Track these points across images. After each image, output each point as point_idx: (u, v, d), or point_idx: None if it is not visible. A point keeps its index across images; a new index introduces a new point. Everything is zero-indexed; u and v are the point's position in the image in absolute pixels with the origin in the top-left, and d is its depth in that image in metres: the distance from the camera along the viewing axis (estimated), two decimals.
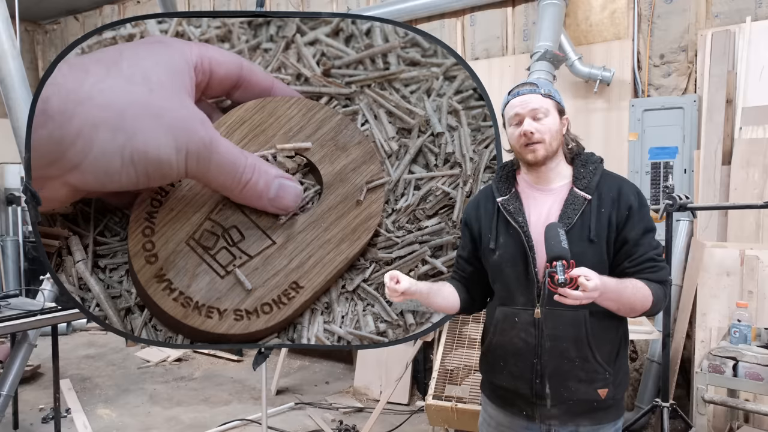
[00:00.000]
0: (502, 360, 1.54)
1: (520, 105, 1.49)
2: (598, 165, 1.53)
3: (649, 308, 1.43)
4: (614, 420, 1.51)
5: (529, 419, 1.51)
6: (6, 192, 5.85)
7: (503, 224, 1.54)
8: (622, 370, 1.51)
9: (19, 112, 3.05)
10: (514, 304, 1.51)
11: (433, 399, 2.91)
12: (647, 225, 1.47)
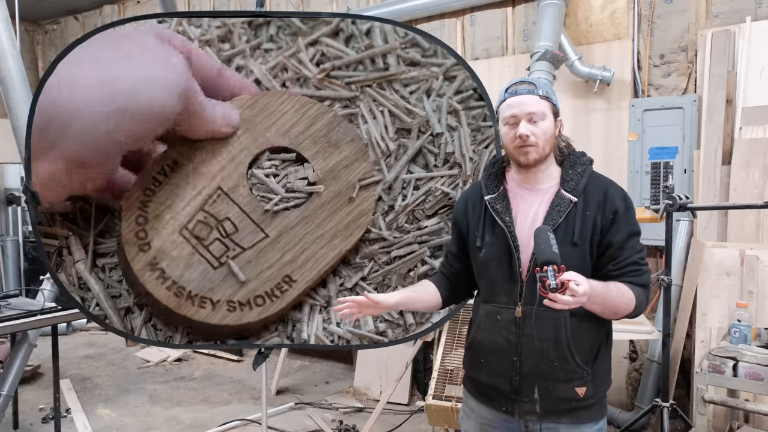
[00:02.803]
0: (483, 356, 1.56)
1: (517, 106, 1.48)
2: (586, 167, 1.54)
3: (632, 311, 1.46)
4: (596, 419, 1.52)
5: (509, 414, 1.53)
6: (6, 192, 5.85)
7: (490, 223, 1.55)
8: (602, 369, 1.53)
9: (19, 112, 3.05)
10: (497, 302, 1.53)
11: (433, 399, 2.91)
12: (632, 229, 1.48)
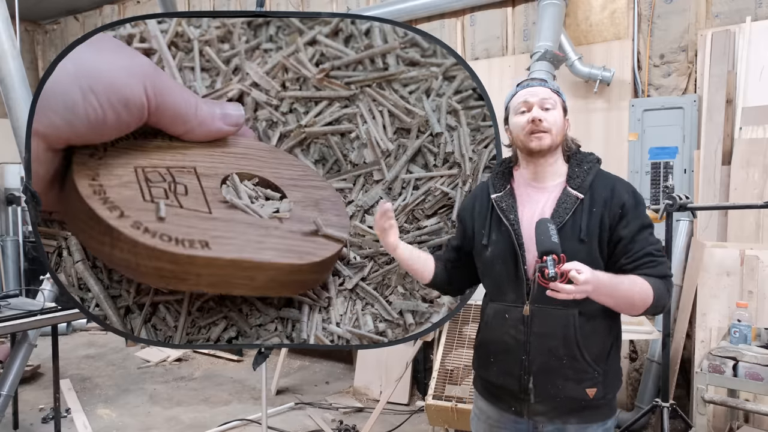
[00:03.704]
0: (492, 356, 1.56)
1: (530, 94, 1.51)
2: (593, 165, 1.54)
3: (652, 303, 1.40)
4: (604, 420, 1.51)
5: (518, 415, 1.52)
6: (6, 192, 5.85)
7: (496, 221, 1.55)
8: (612, 369, 1.51)
9: (19, 112, 3.05)
10: (504, 301, 1.53)
11: (433, 399, 2.92)
12: (643, 222, 1.47)
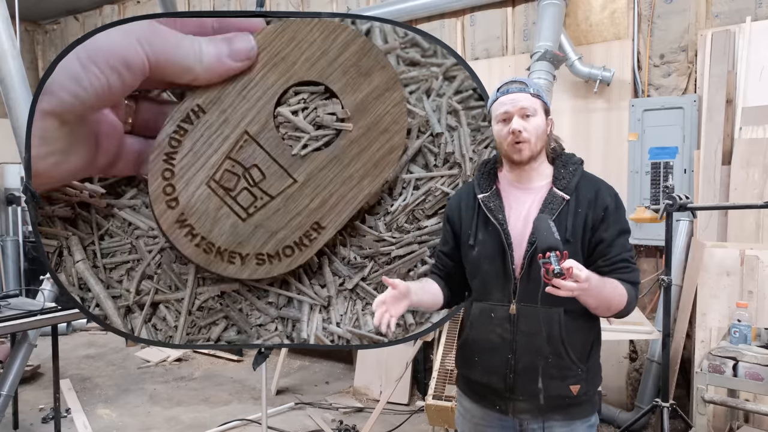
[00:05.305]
0: (477, 355, 1.56)
1: (510, 103, 1.51)
2: (578, 166, 1.56)
3: (623, 308, 1.47)
4: (587, 416, 1.53)
5: (503, 413, 1.53)
6: (6, 192, 5.85)
7: (483, 221, 1.56)
8: (594, 367, 1.55)
9: (19, 112, 3.05)
10: (490, 300, 1.54)
11: (433, 399, 2.92)
12: (623, 227, 1.51)
